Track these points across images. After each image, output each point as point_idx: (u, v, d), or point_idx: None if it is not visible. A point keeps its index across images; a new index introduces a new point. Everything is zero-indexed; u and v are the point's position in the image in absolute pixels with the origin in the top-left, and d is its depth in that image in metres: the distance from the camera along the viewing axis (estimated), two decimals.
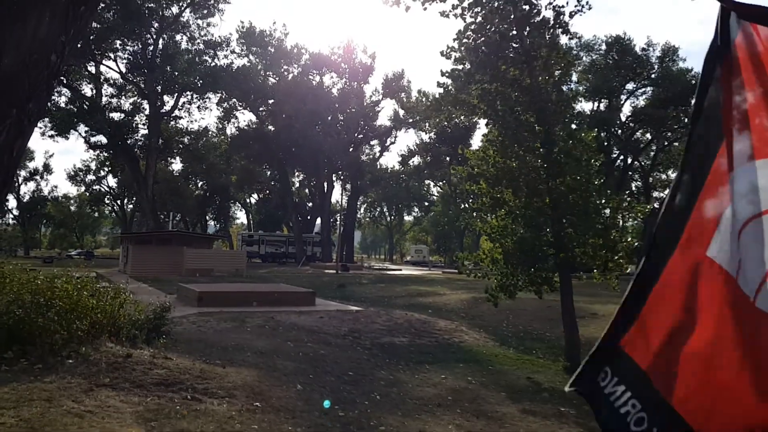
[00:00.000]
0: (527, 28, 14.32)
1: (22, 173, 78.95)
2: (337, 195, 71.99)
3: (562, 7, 14.33)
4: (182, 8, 54.49)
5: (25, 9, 3.84)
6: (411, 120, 68.40)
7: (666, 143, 57.74)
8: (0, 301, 8.41)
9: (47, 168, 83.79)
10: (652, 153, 60.48)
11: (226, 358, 10.30)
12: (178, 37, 56.38)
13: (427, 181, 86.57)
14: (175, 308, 12.99)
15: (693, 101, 1.67)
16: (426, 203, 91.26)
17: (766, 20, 1.54)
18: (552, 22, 14.44)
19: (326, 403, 8.26)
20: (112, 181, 79.77)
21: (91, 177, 79.50)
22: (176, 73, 54.20)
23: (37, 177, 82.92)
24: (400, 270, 55.84)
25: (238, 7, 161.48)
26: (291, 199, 68.64)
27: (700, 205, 1.60)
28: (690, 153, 1.69)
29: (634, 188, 60.48)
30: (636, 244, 13.62)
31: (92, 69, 55.15)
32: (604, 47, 54.21)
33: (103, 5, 44.71)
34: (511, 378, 11.25)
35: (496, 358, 13.30)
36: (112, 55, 54.54)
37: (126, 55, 54.71)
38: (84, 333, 8.39)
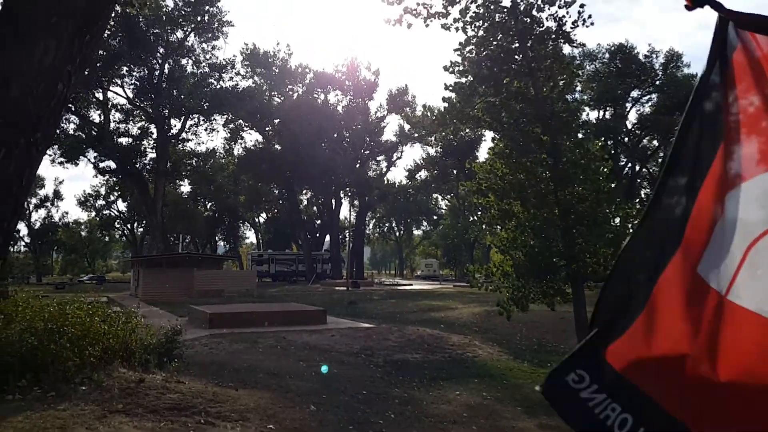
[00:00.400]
0: (529, 41, 14.36)
1: (33, 200, 79.67)
2: (346, 211, 72.15)
3: (563, 17, 14.39)
4: (187, 33, 55.17)
5: (31, 40, 3.88)
6: (417, 135, 68.62)
7: None
8: (13, 330, 8.42)
9: (57, 195, 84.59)
10: (660, 160, 60.25)
11: (238, 380, 10.25)
12: (183, 61, 57.08)
13: (434, 195, 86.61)
14: (186, 331, 12.98)
15: (688, 104, 1.63)
16: (434, 217, 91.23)
17: (764, 29, 1.52)
18: (554, 33, 14.48)
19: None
20: (121, 205, 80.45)
21: (101, 202, 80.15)
22: (182, 97, 54.74)
23: (48, 204, 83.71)
24: (411, 285, 55.68)
25: (242, 29, 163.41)
26: (299, 217, 68.79)
27: (696, 213, 1.54)
28: (681, 155, 1.64)
29: (643, 195, 60.18)
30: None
31: (100, 95, 55.79)
32: (607, 56, 54.29)
33: (108, 33, 45.32)
34: (526, 392, 11.12)
35: (510, 372, 13.17)
36: (119, 81, 55.19)
37: (133, 81, 55.44)
38: (96, 359, 8.38)
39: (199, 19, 53.98)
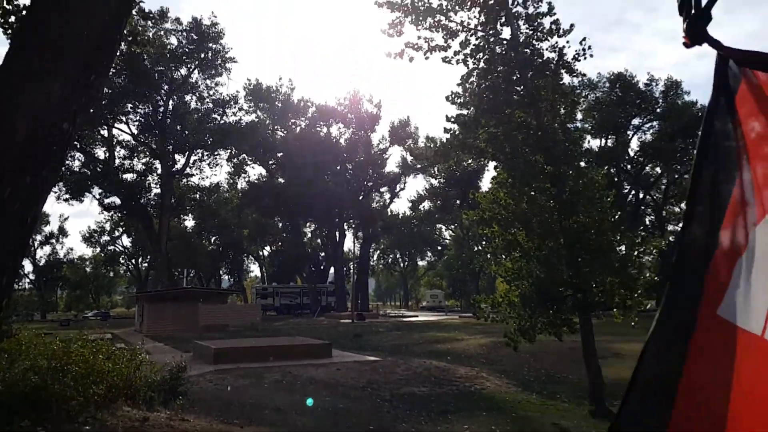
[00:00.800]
0: (530, 72, 14.51)
1: (38, 237, 79.94)
2: (350, 243, 72.06)
3: (563, 47, 14.56)
4: (191, 70, 55.98)
5: (37, 80, 3.93)
6: (419, 166, 68.96)
7: (677, 176, 57.62)
8: (17, 369, 8.36)
9: (62, 231, 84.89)
10: (663, 186, 60.32)
11: (244, 416, 10.12)
12: (187, 97, 57.80)
13: (438, 225, 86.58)
14: (191, 367, 12.87)
15: (699, 139, 1.61)
16: (439, 247, 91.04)
17: (762, 65, 1.53)
18: (554, 63, 14.63)
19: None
20: (126, 240, 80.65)
21: (105, 238, 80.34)
22: (187, 132, 55.30)
23: (53, 240, 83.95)
24: (416, 316, 55.30)
25: (245, 65, 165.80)
26: (303, 250, 68.72)
27: (718, 253, 1.45)
28: (701, 183, 1.61)
29: (647, 223, 60.09)
30: (656, 278, 13.39)
31: (105, 132, 56.38)
32: (607, 84, 54.77)
33: (113, 71, 46.01)
34: (536, 425, 10.94)
35: (519, 404, 12.97)
36: (124, 118, 55.82)
37: (138, 118, 56.08)
38: (100, 398, 8.29)
39: (202, 56, 54.83)
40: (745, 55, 1.56)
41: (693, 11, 1.59)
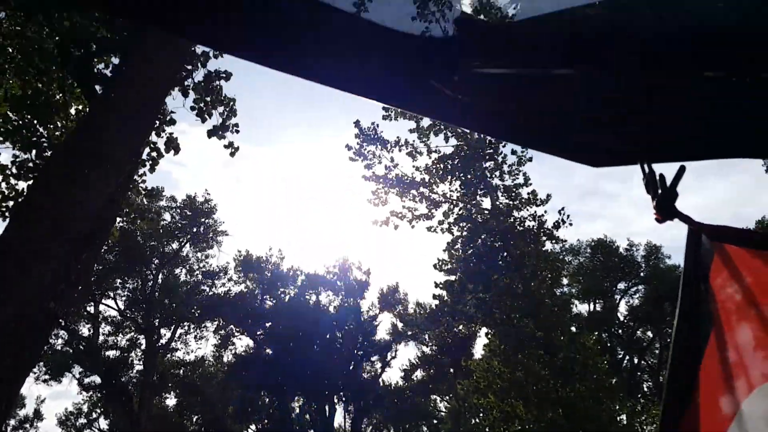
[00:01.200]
0: (512, 239, 14.97)
1: (12, 422, 75.43)
2: (340, 418, 68.56)
3: (543, 216, 15.18)
4: (182, 244, 57.09)
5: (29, 262, 3.98)
6: (410, 332, 68.10)
7: (668, 340, 57.10)
8: None
9: (38, 414, 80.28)
10: (657, 351, 59.49)
11: None
12: (177, 271, 58.25)
13: (433, 396, 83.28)
14: None
15: (677, 310, 1.64)
16: (434, 420, 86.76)
17: (736, 240, 1.59)
18: (535, 231, 15.15)
19: None
20: (103, 423, 76.25)
21: (82, 420, 76.00)
22: (174, 306, 54.95)
23: (27, 425, 79.11)
24: None
25: (237, 238, 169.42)
26: (291, 427, 65.16)
27: (692, 422, 1.43)
28: (674, 368, 1.59)
29: (645, 389, 58.34)
30: None
31: (91, 309, 55.86)
32: (588, 250, 56.14)
33: (105, 248, 46.83)
34: None
35: None
36: (111, 294, 55.64)
37: (126, 292, 55.95)
38: None
39: (194, 230, 56.23)
40: (715, 230, 1.63)
41: (660, 190, 1.68)
